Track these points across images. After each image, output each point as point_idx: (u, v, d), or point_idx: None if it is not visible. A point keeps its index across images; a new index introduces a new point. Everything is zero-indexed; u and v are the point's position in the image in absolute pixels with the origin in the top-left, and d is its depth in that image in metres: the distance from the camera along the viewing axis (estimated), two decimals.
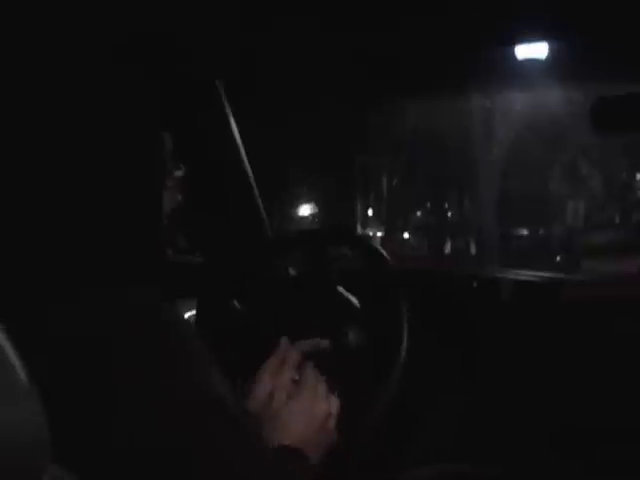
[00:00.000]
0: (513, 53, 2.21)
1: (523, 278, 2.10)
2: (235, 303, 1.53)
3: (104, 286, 0.87)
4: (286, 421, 1.09)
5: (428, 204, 10.59)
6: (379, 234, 9.89)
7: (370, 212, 10.16)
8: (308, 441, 1.07)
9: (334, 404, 1.15)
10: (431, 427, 1.59)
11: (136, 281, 0.90)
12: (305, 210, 9.58)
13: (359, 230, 9.20)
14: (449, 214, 10.37)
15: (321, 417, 1.12)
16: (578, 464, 1.76)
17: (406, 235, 10.45)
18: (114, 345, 0.83)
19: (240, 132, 1.90)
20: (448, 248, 10.08)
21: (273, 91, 1.27)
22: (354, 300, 1.51)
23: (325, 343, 1.28)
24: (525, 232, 9.71)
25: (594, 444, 1.76)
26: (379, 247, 1.62)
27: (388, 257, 1.57)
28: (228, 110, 1.86)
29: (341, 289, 1.54)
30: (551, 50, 2.18)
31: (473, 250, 9.51)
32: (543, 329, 1.88)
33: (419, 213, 10.72)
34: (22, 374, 0.64)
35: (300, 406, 1.11)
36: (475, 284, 1.99)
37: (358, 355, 1.46)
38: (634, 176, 9.26)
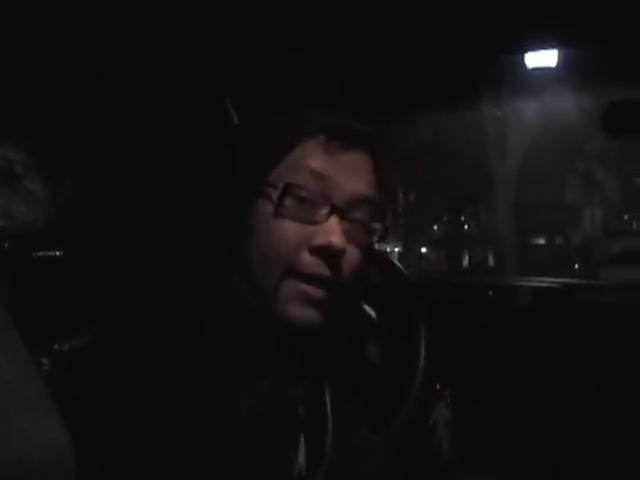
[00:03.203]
0: (523, 62, 2.21)
1: (538, 285, 2.09)
2: None
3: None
4: None
5: (445, 217, 10.58)
6: (397, 249, 9.87)
7: None
8: None
9: None
10: (450, 437, 1.58)
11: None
12: None
13: (376, 245, 9.19)
14: (466, 226, 10.36)
15: None
16: (596, 470, 1.75)
17: (424, 249, 10.44)
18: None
19: None
20: (466, 261, 10.07)
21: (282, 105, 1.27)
22: (372, 313, 1.51)
23: None
24: (542, 241, 9.69)
25: (612, 448, 1.75)
26: (395, 261, 1.62)
27: (404, 270, 1.56)
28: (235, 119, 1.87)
29: (361, 302, 1.54)
30: (561, 58, 2.19)
31: (491, 262, 9.50)
32: (559, 333, 1.88)
33: (436, 227, 10.71)
34: (44, 390, 0.65)
35: None
36: (491, 293, 1.98)
37: (376, 369, 1.45)
38: None
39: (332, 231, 1.06)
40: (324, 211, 1.07)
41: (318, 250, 1.06)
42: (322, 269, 1.06)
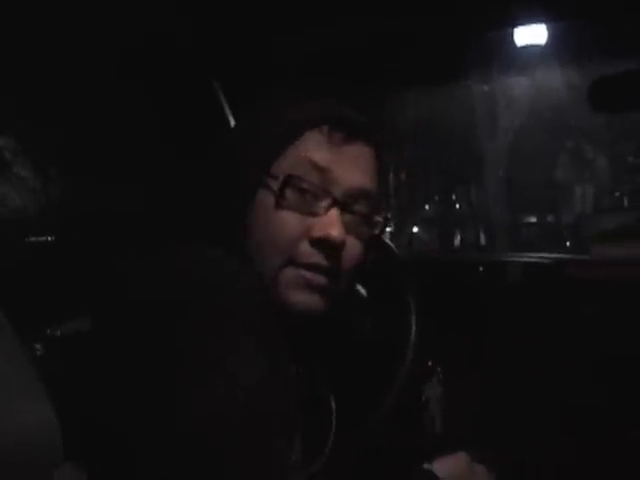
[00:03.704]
0: (513, 39, 2.21)
1: (528, 260, 2.10)
2: None
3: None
4: None
5: (436, 197, 10.57)
6: (388, 229, 9.86)
7: None
8: None
9: None
10: (441, 414, 1.59)
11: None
12: None
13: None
14: (457, 206, 10.34)
15: None
16: (586, 446, 1.77)
17: (415, 229, 10.43)
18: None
19: None
20: (458, 240, 10.07)
21: (273, 89, 1.27)
22: (362, 291, 1.52)
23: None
24: (534, 219, 9.68)
25: (602, 424, 1.76)
26: (386, 239, 1.63)
27: (395, 248, 1.57)
28: (227, 111, 1.87)
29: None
30: (550, 35, 2.18)
31: (483, 240, 9.50)
32: (549, 308, 1.88)
33: (427, 206, 10.69)
34: (32, 374, 0.65)
35: None
36: (481, 269, 1.99)
37: (368, 347, 1.46)
38: None
39: (332, 223, 1.07)
40: (325, 203, 1.08)
41: (318, 242, 1.07)
42: (321, 259, 1.08)
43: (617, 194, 9.22)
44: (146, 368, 0.87)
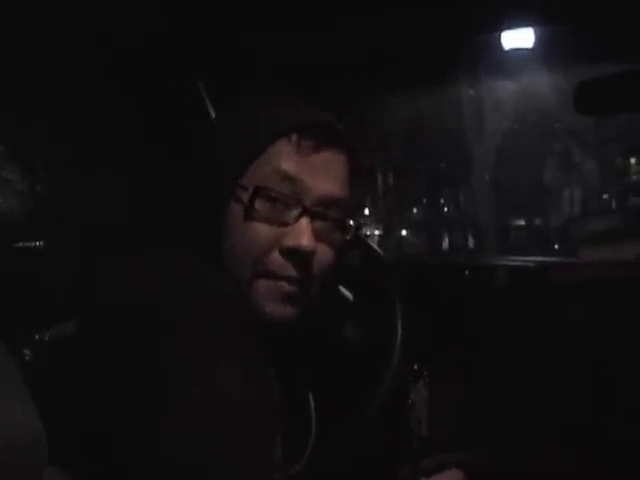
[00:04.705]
0: (500, 43, 2.21)
1: (514, 264, 2.11)
2: None
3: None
4: None
5: (424, 200, 10.59)
6: (377, 232, 9.87)
7: (367, 211, 10.15)
8: None
9: None
10: (427, 417, 1.60)
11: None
12: None
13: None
14: (446, 209, 10.37)
15: None
16: (572, 450, 1.77)
17: (404, 232, 10.45)
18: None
19: None
20: (446, 243, 10.09)
21: (254, 92, 1.27)
22: (349, 295, 1.52)
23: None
24: (522, 222, 9.72)
25: (588, 426, 1.77)
26: (371, 243, 1.63)
27: (381, 252, 1.57)
28: (212, 112, 1.87)
29: (337, 285, 1.55)
30: (538, 38, 2.19)
31: (471, 243, 9.52)
32: (534, 311, 1.89)
33: (415, 210, 10.71)
34: (17, 377, 0.65)
35: None
36: (467, 272, 1.99)
37: (354, 350, 1.46)
38: (628, 161, 9.25)
39: (302, 232, 1.07)
40: (295, 212, 1.08)
41: (288, 251, 1.07)
42: (292, 270, 1.08)
43: (605, 196, 9.26)
44: (125, 372, 0.87)
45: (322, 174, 1.10)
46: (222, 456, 0.86)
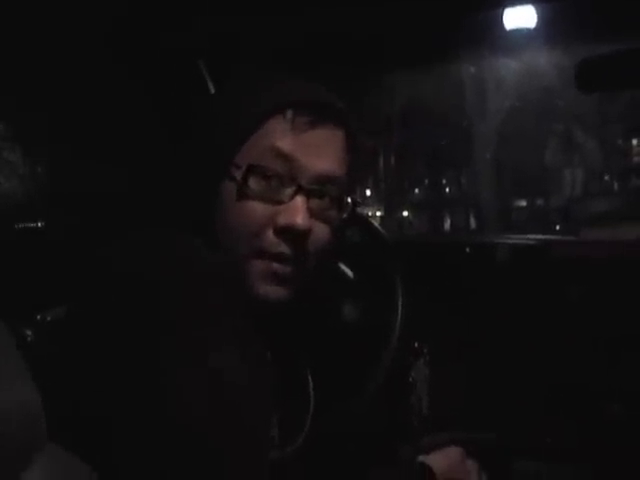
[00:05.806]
0: (502, 21, 2.20)
1: (515, 241, 2.11)
2: None
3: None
4: None
5: (426, 181, 10.57)
6: (378, 213, 9.87)
7: (368, 192, 10.15)
8: None
9: None
10: (427, 395, 1.60)
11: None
12: None
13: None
14: (447, 190, 10.36)
15: None
16: (573, 425, 1.78)
17: (405, 213, 10.44)
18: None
19: None
20: (448, 223, 10.09)
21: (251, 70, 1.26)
22: (349, 273, 1.52)
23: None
24: (524, 203, 9.70)
25: (590, 403, 1.78)
26: (373, 221, 1.63)
27: (382, 230, 1.57)
28: (212, 89, 1.86)
29: (338, 263, 1.55)
30: (540, 16, 2.18)
31: (473, 224, 9.51)
32: (535, 289, 1.89)
33: (417, 190, 10.70)
34: (16, 354, 0.65)
35: None
36: (468, 250, 1.99)
37: (354, 328, 1.47)
38: (630, 142, 9.23)
39: (297, 211, 1.06)
40: (289, 191, 1.07)
41: (282, 230, 1.06)
42: (287, 249, 1.07)
43: (606, 177, 9.24)
44: (124, 356, 0.87)
45: (317, 151, 1.09)
46: (219, 439, 0.86)
